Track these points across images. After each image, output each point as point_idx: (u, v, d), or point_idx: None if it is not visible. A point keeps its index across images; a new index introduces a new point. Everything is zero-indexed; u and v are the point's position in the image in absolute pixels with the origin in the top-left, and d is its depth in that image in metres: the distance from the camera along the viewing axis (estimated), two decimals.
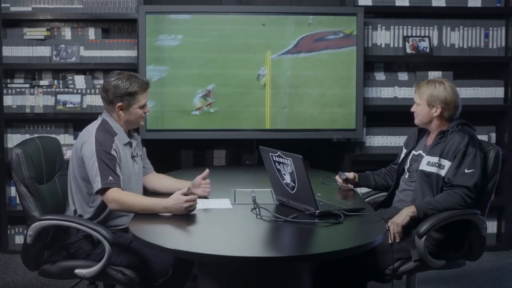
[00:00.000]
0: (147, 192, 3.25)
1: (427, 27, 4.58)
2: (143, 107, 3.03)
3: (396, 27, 4.56)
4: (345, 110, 4.38)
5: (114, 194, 2.80)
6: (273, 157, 2.85)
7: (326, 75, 4.37)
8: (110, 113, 3.02)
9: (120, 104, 2.97)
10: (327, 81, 4.36)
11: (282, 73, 4.34)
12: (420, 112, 3.16)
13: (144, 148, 3.27)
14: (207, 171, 3.12)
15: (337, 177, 3.33)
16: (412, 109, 3.22)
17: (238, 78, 4.34)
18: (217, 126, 4.34)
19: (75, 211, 2.99)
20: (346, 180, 3.30)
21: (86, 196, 2.96)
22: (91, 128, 2.97)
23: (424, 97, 3.13)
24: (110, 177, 2.81)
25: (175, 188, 3.01)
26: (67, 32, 4.55)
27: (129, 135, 3.10)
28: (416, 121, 3.21)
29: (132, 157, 3.07)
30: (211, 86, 4.30)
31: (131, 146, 3.07)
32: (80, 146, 2.92)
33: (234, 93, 4.34)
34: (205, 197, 3.09)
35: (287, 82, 4.35)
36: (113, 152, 2.88)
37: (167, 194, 2.87)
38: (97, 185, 2.81)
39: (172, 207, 2.74)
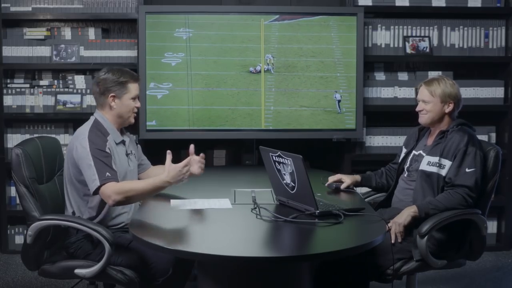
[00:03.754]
0: None
1: (427, 27, 4.58)
2: (134, 99, 3.05)
3: (396, 27, 4.56)
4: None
5: (113, 187, 2.80)
6: (273, 157, 2.85)
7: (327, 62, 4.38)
8: (102, 108, 3.05)
9: (112, 94, 3.01)
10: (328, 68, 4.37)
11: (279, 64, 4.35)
12: (433, 108, 3.13)
13: (139, 145, 3.30)
14: (192, 146, 3.08)
15: (327, 185, 3.32)
16: (419, 108, 3.19)
17: (237, 77, 4.34)
18: (217, 126, 4.34)
19: (73, 213, 2.99)
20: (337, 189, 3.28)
21: (83, 198, 2.96)
22: (84, 129, 2.98)
23: (437, 93, 3.12)
24: (108, 173, 2.82)
25: None
26: (67, 32, 4.55)
27: (121, 133, 3.11)
28: (425, 119, 3.17)
29: (127, 154, 3.08)
30: None
31: (124, 144, 3.09)
32: (73, 148, 2.92)
33: (233, 93, 4.34)
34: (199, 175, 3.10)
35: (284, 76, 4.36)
36: (107, 150, 2.89)
37: None
38: (96, 183, 2.80)
39: (174, 177, 2.76)
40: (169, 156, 2.80)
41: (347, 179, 3.30)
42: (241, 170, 4.18)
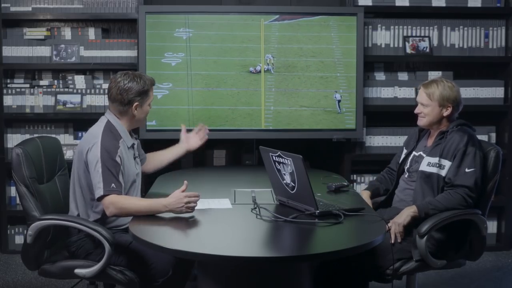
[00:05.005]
0: (146, 191, 3.26)
1: (427, 27, 4.58)
2: (150, 104, 3.09)
3: (396, 27, 4.56)
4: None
5: (113, 199, 2.80)
6: (273, 157, 2.85)
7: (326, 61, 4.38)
8: (121, 115, 3.03)
9: (137, 103, 3.01)
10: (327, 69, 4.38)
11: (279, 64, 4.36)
12: (431, 112, 3.13)
13: (138, 140, 3.25)
14: (183, 126, 3.30)
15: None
16: (417, 111, 3.18)
17: (237, 77, 4.34)
18: (217, 126, 4.34)
19: (78, 215, 2.98)
20: None
21: (89, 201, 2.96)
22: (97, 131, 2.95)
23: (435, 97, 3.11)
24: (113, 184, 2.82)
25: (172, 155, 3.36)
26: (67, 32, 4.55)
27: (131, 135, 3.11)
28: (423, 122, 3.17)
29: (134, 158, 3.08)
30: None
31: (133, 147, 3.09)
32: (86, 151, 2.91)
33: (233, 93, 4.34)
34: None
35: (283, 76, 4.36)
36: (117, 159, 2.88)
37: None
38: (99, 191, 2.81)
39: (172, 204, 2.72)
40: (184, 186, 2.76)
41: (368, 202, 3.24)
42: (241, 170, 4.18)
